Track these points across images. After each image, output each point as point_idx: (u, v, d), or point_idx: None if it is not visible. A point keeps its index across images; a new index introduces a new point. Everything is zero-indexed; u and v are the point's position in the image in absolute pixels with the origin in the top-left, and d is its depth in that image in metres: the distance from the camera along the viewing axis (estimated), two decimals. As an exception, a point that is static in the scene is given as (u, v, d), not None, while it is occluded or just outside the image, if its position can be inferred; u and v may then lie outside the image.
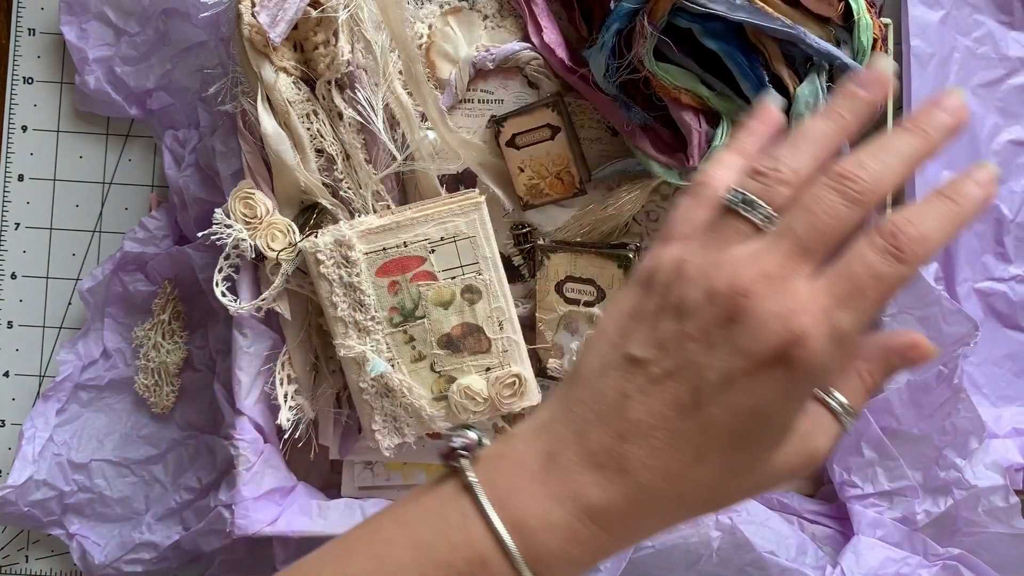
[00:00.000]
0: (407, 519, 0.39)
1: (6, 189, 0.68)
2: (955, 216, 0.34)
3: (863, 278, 0.33)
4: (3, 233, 0.68)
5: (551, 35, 0.58)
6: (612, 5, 0.52)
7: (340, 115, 0.57)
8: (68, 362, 0.66)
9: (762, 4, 0.51)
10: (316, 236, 0.56)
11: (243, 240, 0.57)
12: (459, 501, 0.37)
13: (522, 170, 0.59)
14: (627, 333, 0.37)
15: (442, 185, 0.59)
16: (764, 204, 0.35)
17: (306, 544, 0.62)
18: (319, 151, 0.58)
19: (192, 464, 0.66)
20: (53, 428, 0.66)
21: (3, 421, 0.68)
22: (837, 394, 0.37)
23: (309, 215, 0.58)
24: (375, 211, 0.58)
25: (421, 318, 0.57)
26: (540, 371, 0.60)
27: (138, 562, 0.64)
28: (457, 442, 0.38)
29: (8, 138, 0.68)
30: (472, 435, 0.39)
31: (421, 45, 0.60)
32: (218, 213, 0.58)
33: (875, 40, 0.52)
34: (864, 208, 0.34)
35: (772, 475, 0.37)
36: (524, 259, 0.62)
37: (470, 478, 0.37)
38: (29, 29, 0.68)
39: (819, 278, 0.34)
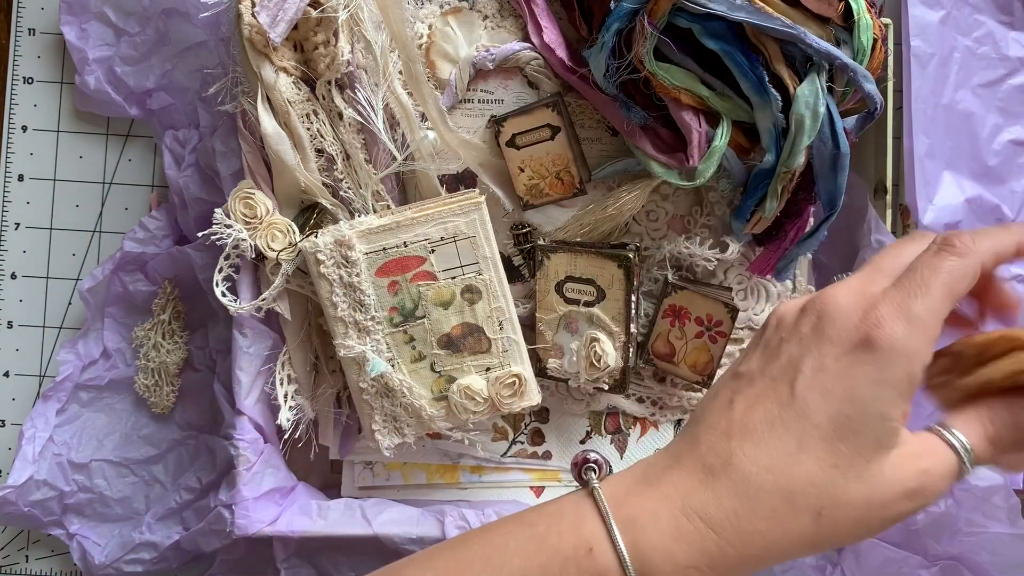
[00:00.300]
0: (528, 519, 0.42)
1: (6, 189, 0.68)
2: (1004, 233, 0.40)
3: (924, 272, 0.38)
4: (3, 233, 0.69)
5: (551, 35, 0.58)
6: (612, 5, 0.52)
7: (340, 115, 0.57)
8: (68, 362, 0.66)
9: (762, 4, 0.51)
10: (316, 236, 0.56)
11: (243, 240, 0.57)
12: (579, 504, 0.41)
13: (522, 170, 0.59)
14: (741, 361, 0.42)
15: (442, 185, 0.59)
16: None
17: (306, 544, 0.62)
18: (319, 151, 0.58)
19: (192, 464, 0.66)
20: (53, 428, 0.66)
21: (3, 421, 0.68)
22: (956, 431, 0.39)
23: (309, 215, 0.58)
24: (375, 211, 0.58)
25: (421, 318, 0.57)
26: (540, 371, 0.60)
27: (138, 562, 0.64)
28: (591, 456, 0.44)
29: (8, 138, 0.68)
30: (600, 456, 0.45)
31: (421, 45, 0.60)
32: (218, 213, 0.58)
33: (875, 40, 0.52)
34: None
35: (884, 485, 0.37)
36: (524, 259, 0.62)
37: (594, 483, 0.41)
38: (29, 29, 0.68)
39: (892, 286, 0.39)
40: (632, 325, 0.58)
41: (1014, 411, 0.39)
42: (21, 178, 0.69)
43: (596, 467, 0.44)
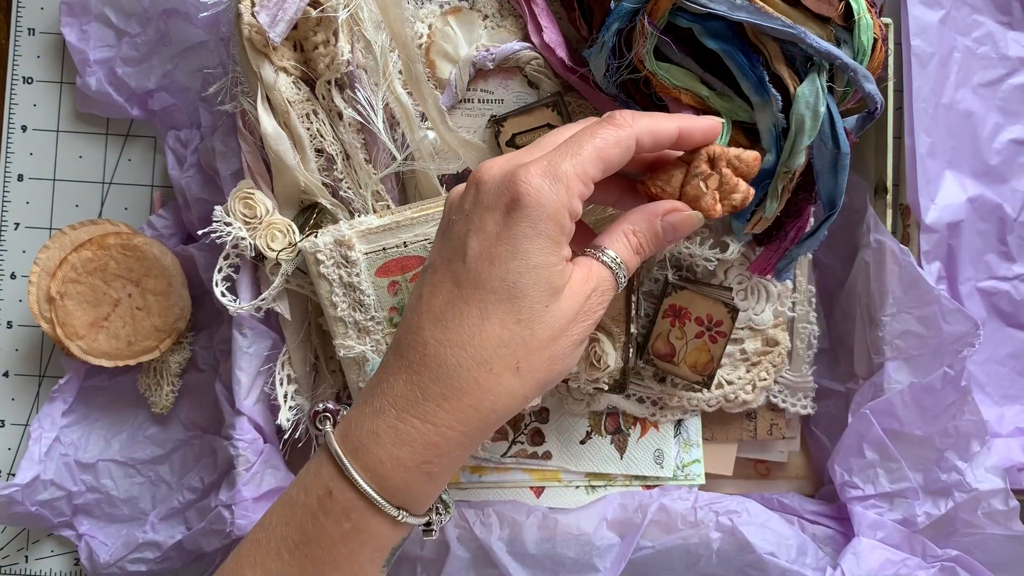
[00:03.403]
0: (286, 491, 0.45)
1: (6, 189, 0.69)
2: (667, 118, 0.44)
3: (580, 136, 0.42)
4: (3, 233, 0.69)
5: (551, 35, 0.58)
6: (612, 5, 0.52)
7: (340, 115, 0.57)
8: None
9: (762, 4, 0.51)
10: (316, 236, 0.56)
11: (243, 239, 0.57)
12: (318, 456, 0.44)
13: (522, 170, 0.59)
14: (429, 254, 0.46)
15: (442, 185, 0.59)
16: None
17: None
18: (319, 151, 0.58)
19: (196, 464, 0.66)
20: (60, 428, 0.66)
21: (3, 421, 0.68)
22: (608, 249, 0.44)
23: (309, 215, 0.58)
24: (375, 211, 0.58)
25: (421, 318, 0.57)
26: (540, 371, 0.60)
27: (141, 561, 0.64)
28: (320, 406, 0.46)
29: (8, 138, 0.68)
30: (331, 404, 0.46)
31: (421, 45, 0.60)
32: (218, 211, 0.58)
33: (876, 40, 0.52)
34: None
35: (561, 318, 0.41)
36: (524, 259, 0.62)
37: (327, 430, 0.44)
38: (29, 29, 0.68)
39: None
40: (632, 325, 0.58)
41: (647, 218, 0.45)
42: (21, 178, 0.69)
43: (330, 415, 0.46)
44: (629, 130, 0.43)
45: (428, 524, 0.46)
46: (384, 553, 0.44)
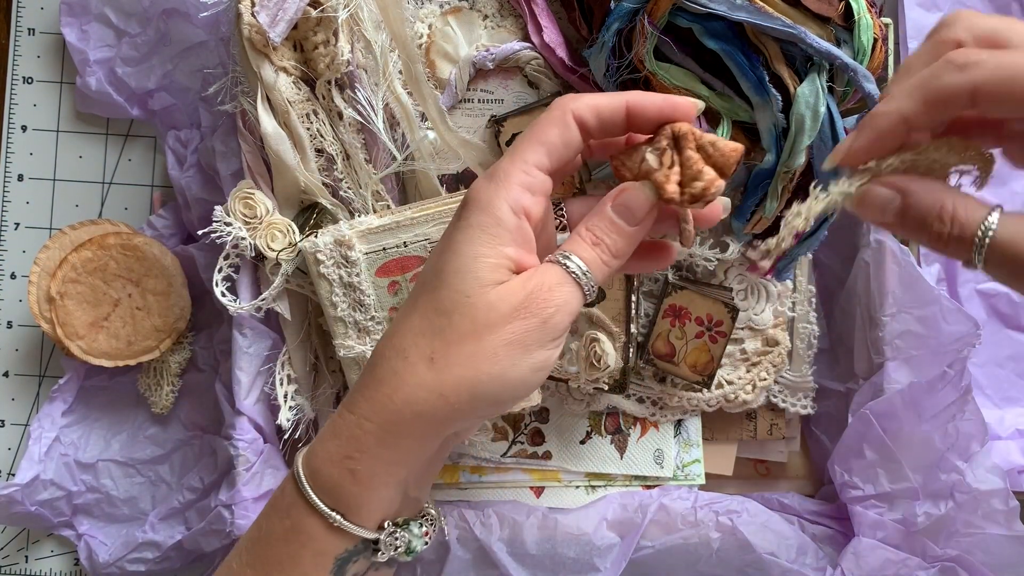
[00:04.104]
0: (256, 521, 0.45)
1: (6, 189, 0.68)
2: (611, 95, 0.42)
3: (524, 132, 0.41)
4: (3, 233, 0.69)
5: (551, 35, 0.58)
6: (612, 5, 0.52)
7: (340, 115, 0.57)
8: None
9: (763, 4, 0.51)
10: (316, 236, 0.56)
11: (243, 239, 0.57)
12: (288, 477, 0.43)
13: (522, 170, 0.59)
14: None
15: (442, 185, 0.59)
16: None
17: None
18: (319, 151, 0.58)
19: (196, 464, 0.66)
20: (59, 428, 0.66)
21: (3, 421, 0.68)
22: (566, 250, 0.41)
23: (309, 215, 0.58)
24: (375, 211, 0.58)
25: (421, 318, 0.57)
26: (540, 371, 0.60)
27: (141, 561, 0.64)
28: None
29: (8, 138, 0.68)
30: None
31: (421, 45, 0.60)
32: (218, 211, 0.58)
33: (875, 40, 0.52)
34: None
35: (492, 312, 0.39)
36: (524, 259, 0.62)
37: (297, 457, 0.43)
38: (29, 29, 0.68)
39: None
40: (632, 325, 0.58)
41: (600, 208, 0.42)
42: (21, 178, 0.69)
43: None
44: (562, 108, 0.41)
45: (377, 545, 0.43)
46: (327, 561, 0.41)
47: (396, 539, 0.43)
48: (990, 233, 0.36)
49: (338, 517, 0.41)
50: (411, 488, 0.43)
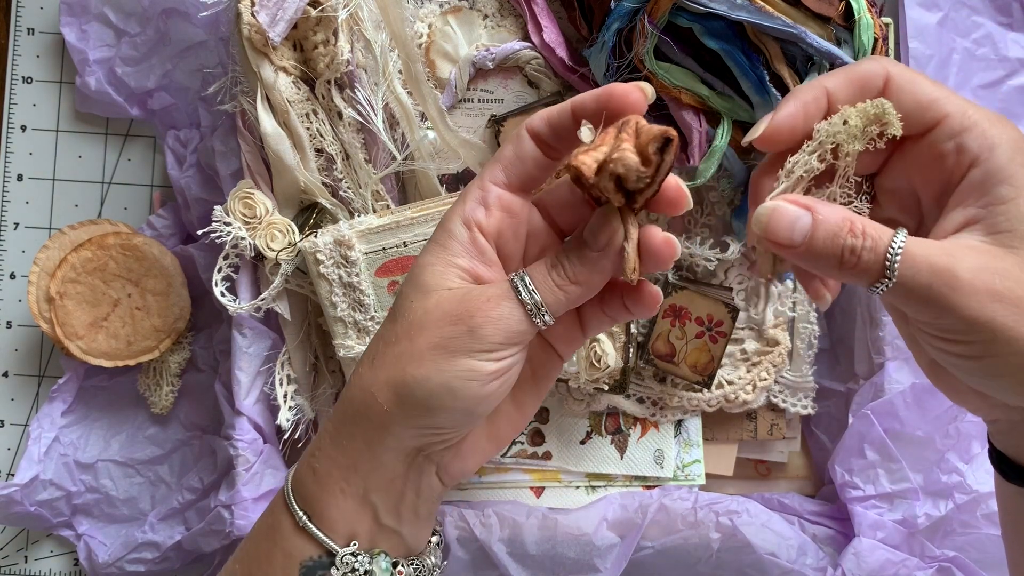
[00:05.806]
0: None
1: (5, 189, 0.68)
2: (559, 107, 0.40)
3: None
4: (3, 233, 0.68)
5: (551, 34, 0.58)
6: (612, 4, 0.52)
7: (340, 115, 0.57)
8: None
9: (763, 3, 0.51)
10: (316, 236, 0.56)
11: (242, 239, 0.57)
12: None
13: (522, 170, 0.59)
14: None
15: (442, 185, 0.59)
16: None
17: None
18: (319, 151, 0.58)
19: (196, 464, 0.66)
20: (59, 428, 0.66)
21: (2, 421, 0.68)
22: (527, 276, 0.39)
23: (309, 215, 0.58)
24: (375, 211, 0.58)
25: (421, 318, 0.57)
26: (540, 371, 0.60)
27: (140, 561, 0.64)
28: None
29: (7, 138, 0.68)
30: None
31: (421, 45, 0.60)
32: (218, 210, 0.58)
33: (876, 40, 0.52)
34: None
35: (425, 319, 0.39)
36: (524, 259, 0.62)
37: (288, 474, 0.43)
38: (28, 29, 0.68)
39: None
40: (632, 325, 0.58)
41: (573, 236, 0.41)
42: (20, 178, 0.69)
43: None
44: (521, 126, 0.41)
45: (346, 559, 0.41)
46: (293, 565, 0.40)
47: (356, 560, 0.41)
48: (900, 249, 0.36)
49: (303, 516, 0.41)
50: (382, 513, 0.41)
